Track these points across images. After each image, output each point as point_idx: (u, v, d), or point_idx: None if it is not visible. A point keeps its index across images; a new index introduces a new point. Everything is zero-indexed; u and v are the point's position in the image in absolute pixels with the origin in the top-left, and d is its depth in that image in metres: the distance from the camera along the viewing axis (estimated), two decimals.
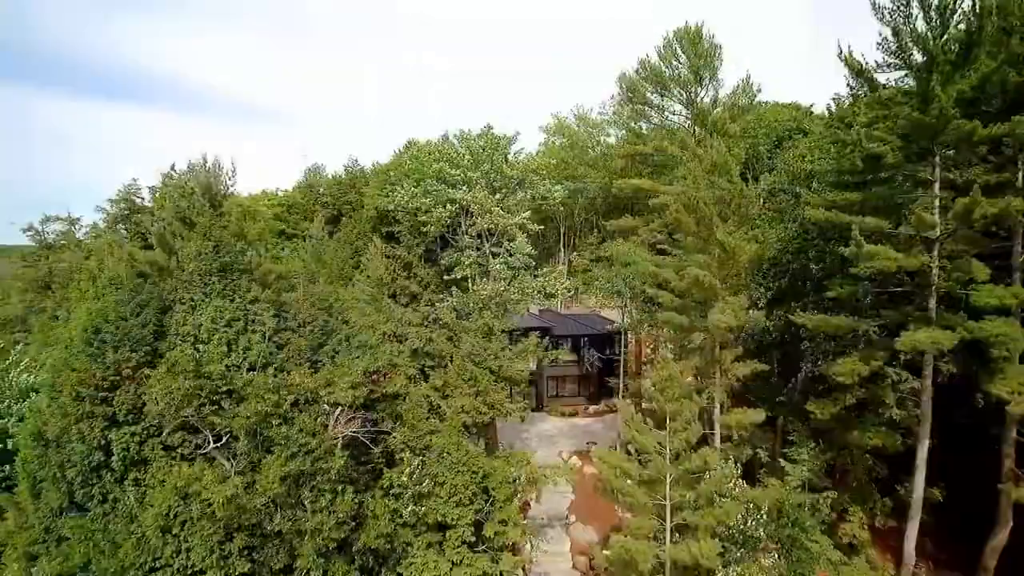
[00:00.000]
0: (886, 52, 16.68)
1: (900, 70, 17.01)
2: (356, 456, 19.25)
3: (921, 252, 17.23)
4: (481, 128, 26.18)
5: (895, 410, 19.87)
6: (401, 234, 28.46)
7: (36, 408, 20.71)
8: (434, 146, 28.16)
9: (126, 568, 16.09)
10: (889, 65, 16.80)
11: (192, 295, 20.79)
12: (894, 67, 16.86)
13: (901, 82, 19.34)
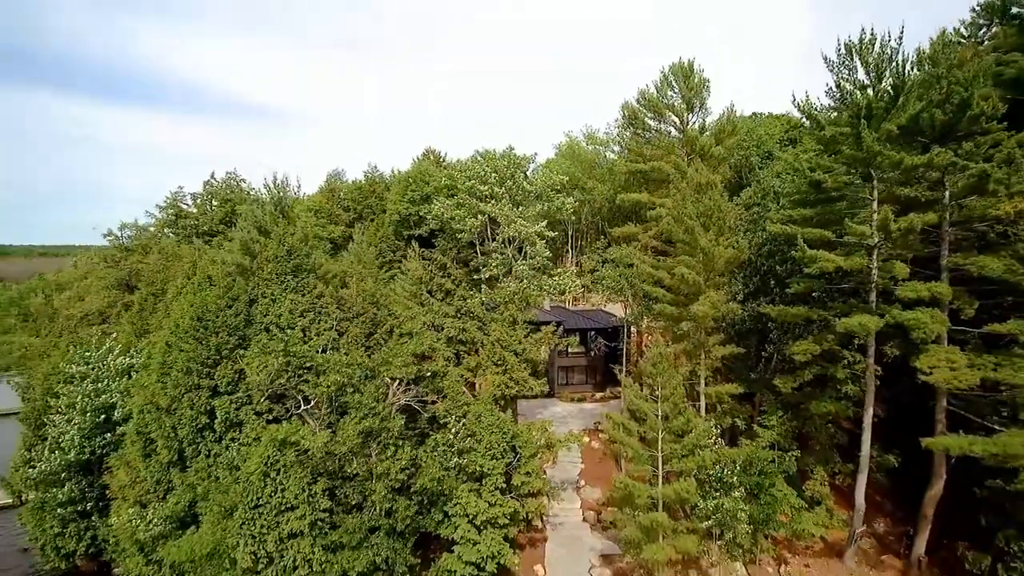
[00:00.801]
0: (831, 98, 21.21)
1: (842, 112, 21.54)
2: (409, 419, 23.99)
3: (863, 256, 21.82)
4: (504, 149, 30.92)
5: (850, 385, 24.43)
6: (436, 239, 33.19)
7: (142, 384, 25.56)
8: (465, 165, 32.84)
9: (236, 505, 20.79)
10: (834, 109, 21.31)
11: (272, 291, 25.61)
12: (838, 110, 21.39)
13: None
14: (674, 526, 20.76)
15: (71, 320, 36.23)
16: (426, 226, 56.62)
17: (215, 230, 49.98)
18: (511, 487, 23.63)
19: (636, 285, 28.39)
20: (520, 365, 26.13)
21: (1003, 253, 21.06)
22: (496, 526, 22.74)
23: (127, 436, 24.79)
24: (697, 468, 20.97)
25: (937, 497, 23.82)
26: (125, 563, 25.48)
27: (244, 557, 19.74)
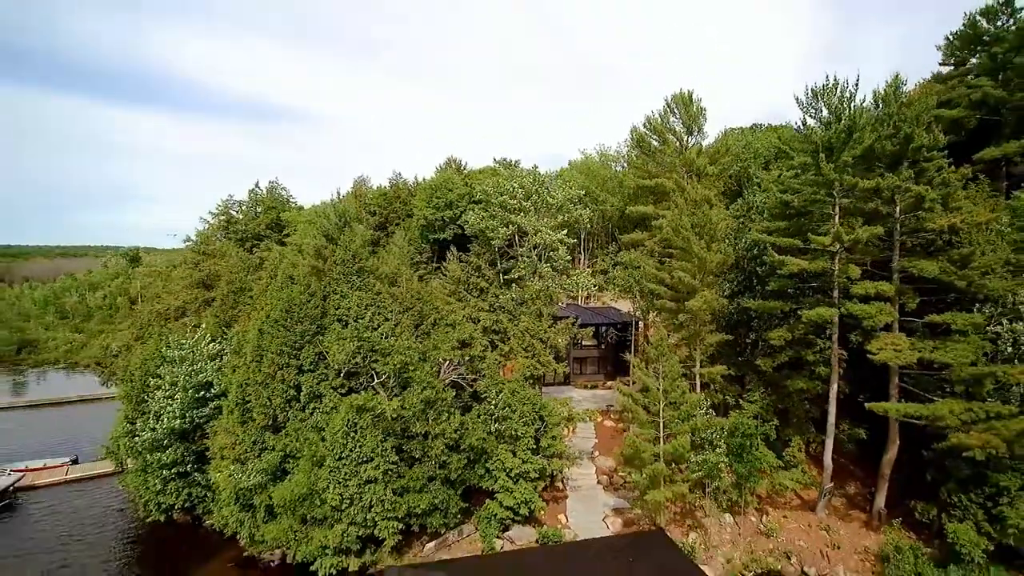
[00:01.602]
0: (800, 133, 26.44)
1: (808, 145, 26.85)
2: (456, 393, 29.59)
3: (827, 260, 27.09)
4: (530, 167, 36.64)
5: (821, 367, 29.67)
6: (472, 245, 38.86)
7: (236, 364, 31.39)
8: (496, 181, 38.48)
9: (324, 457, 26.45)
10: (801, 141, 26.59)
11: (341, 288, 31.37)
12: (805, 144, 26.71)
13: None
14: (671, 475, 26.18)
15: (152, 315, 42.05)
16: (450, 230, 62.57)
17: (262, 235, 55.89)
18: (540, 448, 29.15)
19: (643, 284, 33.80)
20: (545, 351, 31.68)
21: (940, 257, 26.30)
22: (528, 479, 28.32)
23: (226, 407, 30.57)
24: (691, 431, 26.37)
25: (892, 460, 28.99)
26: (218, 513, 31.33)
27: (333, 497, 25.40)
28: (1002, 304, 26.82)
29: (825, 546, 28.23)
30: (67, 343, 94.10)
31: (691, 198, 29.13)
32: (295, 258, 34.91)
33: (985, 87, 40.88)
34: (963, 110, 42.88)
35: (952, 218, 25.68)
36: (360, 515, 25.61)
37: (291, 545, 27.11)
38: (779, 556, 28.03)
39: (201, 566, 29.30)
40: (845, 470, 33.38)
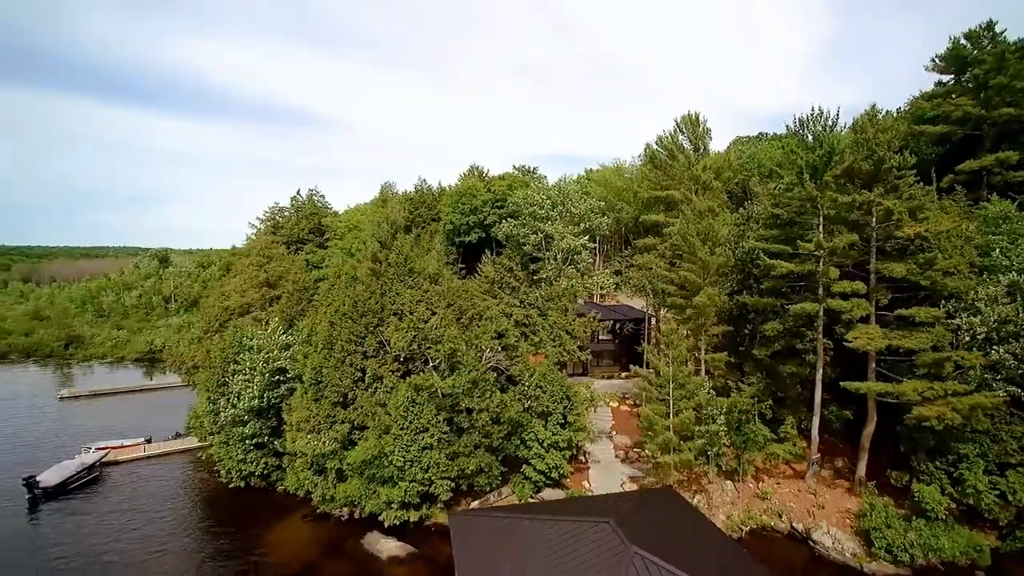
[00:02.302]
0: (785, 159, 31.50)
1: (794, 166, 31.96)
2: (496, 376, 35.05)
3: (813, 263, 32.15)
4: (556, 180, 42.07)
5: (810, 355, 34.68)
6: (504, 249, 44.40)
7: (305, 353, 37.11)
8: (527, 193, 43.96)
9: (389, 426, 31.99)
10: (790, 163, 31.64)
11: (395, 287, 36.95)
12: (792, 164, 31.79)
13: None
14: (679, 444, 31.42)
15: (220, 312, 47.91)
16: (475, 234, 68.29)
17: (305, 239, 61.85)
18: (567, 423, 34.52)
19: (655, 283, 39.03)
20: (571, 341, 37.06)
21: (908, 260, 31.25)
22: (557, 448, 33.73)
23: (300, 388, 36.29)
24: (695, 407, 31.60)
25: (871, 434, 33.93)
26: (291, 477, 37.07)
27: (398, 458, 30.95)
28: (962, 300, 31.71)
29: (811, 507, 33.28)
30: (112, 339, 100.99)
31: (697, 209, 34.32)
32: (353, 262, 40.56)
33: (965, 105, 45.63)
34: (947, 126, 47.63)
35: (918, 227, 30.62)
36: (420, 475, 31.14)
37: (360, 501, 32.73)
38: (772, 515, 33.15)
39: (279, 522, 34.93)
40: (834, 447, 38.36)
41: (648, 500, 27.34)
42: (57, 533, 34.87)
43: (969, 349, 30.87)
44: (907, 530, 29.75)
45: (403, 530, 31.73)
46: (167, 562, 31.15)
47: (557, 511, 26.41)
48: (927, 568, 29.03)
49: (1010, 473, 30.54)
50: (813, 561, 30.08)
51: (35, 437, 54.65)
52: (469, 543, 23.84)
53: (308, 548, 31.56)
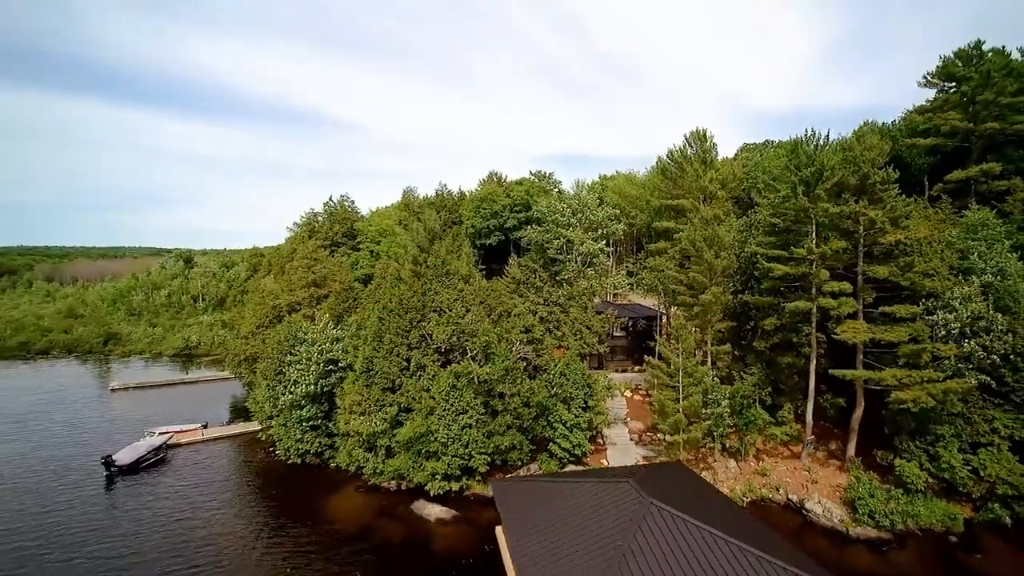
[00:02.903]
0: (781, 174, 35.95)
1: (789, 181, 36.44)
2: (525, 365, 39.82)
3: (807, 266, 36.59)
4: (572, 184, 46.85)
5: (805, 348, 39.09)
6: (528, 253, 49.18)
7: (355, 345, 42.11)
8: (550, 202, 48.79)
9: (433, 407, 36.85)
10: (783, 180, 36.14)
11: (434, 287, 41.84)
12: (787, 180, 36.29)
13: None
14: (687, 425, 36.02)
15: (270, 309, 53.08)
16: (495, 237, 73.14)
17: (339, 242, 67.00)
18: (588, 407, 39.23)
19: (666, 283, 43.60)
20: (591, 335, 41.74)
21: (891, 264, 35.60)
22: (579, 429, 38.44)
23: (352, 375, 41.28)
24: (702, 392, 36.18)
25: (859, 417, 38.30)
26: (344, 454, 42.02)
27: (442, 436, 35.82)
28: (940, 299, 36.00)
29: (805, 482, 37.73)
30: (148, 336, 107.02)
31: (704, 217, 38.83)
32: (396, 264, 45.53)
33: (952, 120, 49.73)
34: (938, 139, 51.77)
35: (899, 234, 35.00)
36: (461, 450, 36.00)
37: (408, 474, 37.64)
38: (770, 488, 37.63)
39: (334, 493, 39.89)
40: (828, 432, 42.77)
41: (661, 470, 31.98)
42: (134, 505, 39.96)
43: (945, 342, 35.19)
44: (888, 499, 34.16)
45: (446, 498, 36.62)
46: (236, 524, 36.14)
47: (582, 477, 31.22)
48: (906, 533, 33.38)
49: (982, 452, 34.86)
50: (806, 527, 34.54)
51: (96, 423, 60.19)
52: (511, 501, 28.64)
53: (363, 513, 36.52)
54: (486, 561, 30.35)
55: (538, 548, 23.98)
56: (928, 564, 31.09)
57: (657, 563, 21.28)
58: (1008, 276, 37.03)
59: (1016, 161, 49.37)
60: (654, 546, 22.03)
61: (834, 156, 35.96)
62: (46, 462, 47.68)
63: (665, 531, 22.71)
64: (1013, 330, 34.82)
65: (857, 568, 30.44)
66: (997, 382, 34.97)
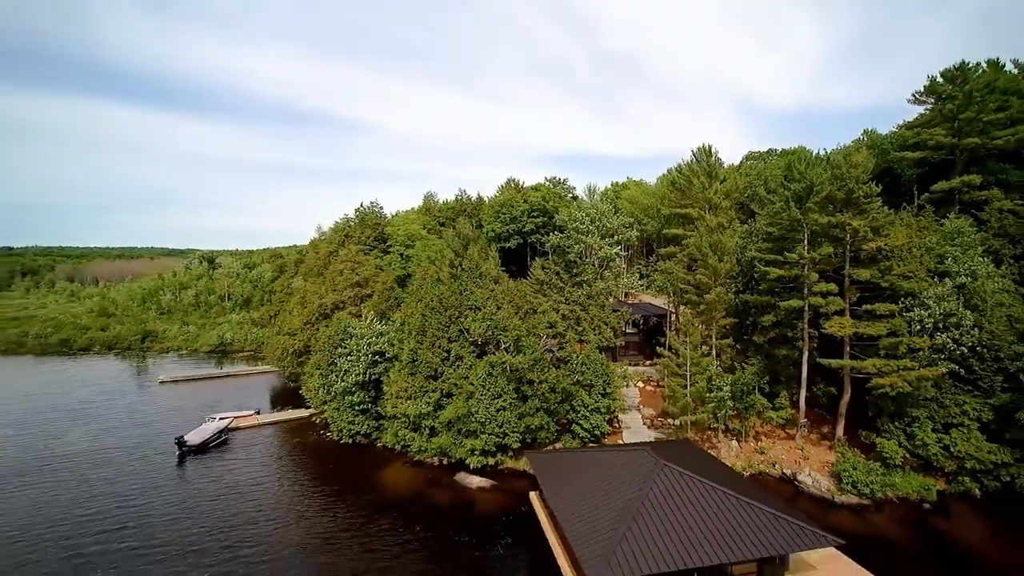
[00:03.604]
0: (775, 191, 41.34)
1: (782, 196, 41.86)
2: (551, 356, 45.55)
3: (798, 269, 42.03)
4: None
5: (799, 341, 44.50)
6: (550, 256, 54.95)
7: (400, 338, 48.04)
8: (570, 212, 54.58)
9: (472, 392, 42.65)
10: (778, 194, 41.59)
11: (469, 287, 47.67)
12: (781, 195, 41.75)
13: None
14: (694, 408, 41.57)
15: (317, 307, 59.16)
16: (515, 240, 78.99)
17: (371, 245, 73.07)
18: (606, 394, 44.88)
19: (675, 284, 49.14)
20: (608, 330, 47.39)
21: (872, 267, 40.94)
22: (598, 412, 44.10)
23: (397, 365, 47.17)
24: (707, 379, 41.73)
25: (847, 402, 43.62)
26: (390, 434, 47.88)
27: (480, 417, 41.59)
28: (916, 297, 41.28)
29: (799, 459, 43.14)
30: (183, 334, 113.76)
31: (709, 225, 44.32)
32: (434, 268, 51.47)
33: (938, 135, 54.88)
34: (925, 152, 56.94)
35: (879, 242, 40.37)
36: (496, 429, 41.76)
37: (450, 450, 43.45)
38: (767, 464, 43.08)
39: (384, 467, 45.77)
40: (821, 418, 48.07)
41: (672, 444, 37.60)
42: (206, 477, 45.89)
43: (920, 335, 40.49)
44: (869, 472, 39.51)
45: (483, 471, 42.38)
46: (298, 493, 41.99)
47: (604, 449, 36.95)
48: (884, 500, 38.73)
49: (953, 431, 40.12)
50: (797, 495, 39.95)
51: (154, 410, 66.60)
52: (545, 467, 34.38)
53: (413, 483, 42.39)
54: (522, 519, 36.08)
55: (571, 499, 29.71)
56: (903, 526, 36.39)
57: (668, 508, 26.94)
58: (978, 278, 42.24)
59: (996, 173, 54.40)
60: (665, 495, 27.70)
61: (823, 173, 41.29)
62: (123, 442, 54.06)
63: (674, 485, 28.37)
64: (980, 325, 40.10)
65: (840, 527, 35.75)
66: (966, 371, 40.28)
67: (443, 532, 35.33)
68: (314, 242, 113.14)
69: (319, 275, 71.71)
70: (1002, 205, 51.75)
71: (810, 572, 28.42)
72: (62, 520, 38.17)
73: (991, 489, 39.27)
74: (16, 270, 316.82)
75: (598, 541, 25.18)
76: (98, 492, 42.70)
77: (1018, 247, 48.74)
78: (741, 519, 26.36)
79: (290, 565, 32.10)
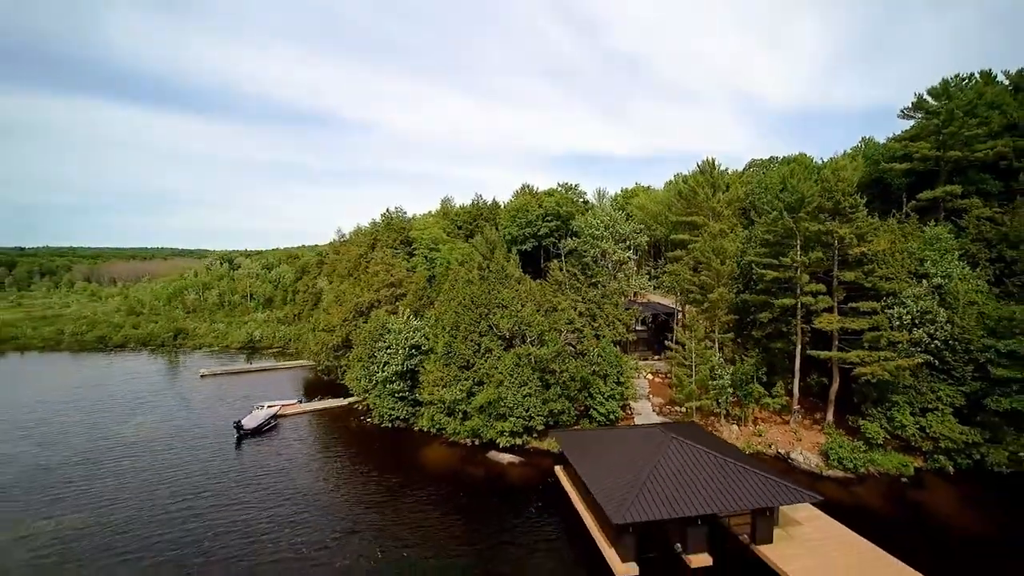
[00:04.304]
0: (770, 203, 46.89)
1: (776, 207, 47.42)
2: (571, 349, 51.33)
3: (791, 272, 47.59)
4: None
5: (793, 336, 50.06)
6: (567, 259, 60.77)
7: (435, 333, 54.00)
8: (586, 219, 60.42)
9: (502, 381, 48.46)
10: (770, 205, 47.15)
11: (496, 287, 53.53)
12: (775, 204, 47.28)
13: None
14: (699, 394, 47.24)
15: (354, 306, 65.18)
16: (530, 243, 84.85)
17: (397, 248, 79.11)
18: (619, 383, 50.61)
19: (681, 285, 54.78)
20: (620, 326, 53.12)
21: (857, 270, 46.43)
22: (613, 399, 49.85)
23: (433, 357, 53.08)
24: (709, 368, 47.41)
25: (836, 390, 49.12)
26: (422, 420, 53.80)
27: (509, 402, 47.40)
28: (897, 296, 46.74)
29: (792, 440, 48.66)
30: (213, 332, 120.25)
31: (712, 232, 49.93)
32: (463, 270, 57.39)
33: (923, 148, 60.23)
34: (911, 163, 62.32)
35: (863, 247, 45.85)
36: (523, 413, 47.56)
37: (481, 432, 49.27)
38: (764, 445, 48.65)
39: (422, 448, 51.64)
40: (813, 405, 53.57)
41: (680, 425, 43.29)
42: (266, 454, 51.90)
43: (899, 330, 45.94)
44: (853, 450, 45.01)
45: (512, 450, 48.20)
46: (345, 469, 47.78)
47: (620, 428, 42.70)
48: (867, 475, 44.19)
49: (929, 415, 45.53)
50: (790, 470, 45.45)
51: (201, 400, 72.79)
52: (571, 442, 40.17)
53: (450, 460, 48.25)
54: (549, 488, 41.86)
55: (595, 465, 35.50)
56: (882, 497, 41.80)
57: (676, 470, 32.65)
58: (952, 279, 47.66)
59: (976, 183, 59.69)
60: (674, 461, 33.40)
61: (814, 186, 46.83)
62: (183, 427, 60.26)
63: (682, 453, 34.10)
64: (952, 321, 45.53)
65: (826, 495, 41.28)
66: (940, 361, 45.71)
67: (480, 499, 41.15)
68: (335, 245, 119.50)
69: (349, 276, 77.78)
70: (981, 213, 57.07)
71: (796, 527, 34.07)
72: (157, 486, 44.33)
73: (963, 466, 44.67)
74: (35, 270, 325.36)
75: (619, 495, 30.94)
76: (176, 466, 48.86)
77: (994, 251, 54.03)
78: (737, 479, 32.04)
79: (352, 523, 37.96)
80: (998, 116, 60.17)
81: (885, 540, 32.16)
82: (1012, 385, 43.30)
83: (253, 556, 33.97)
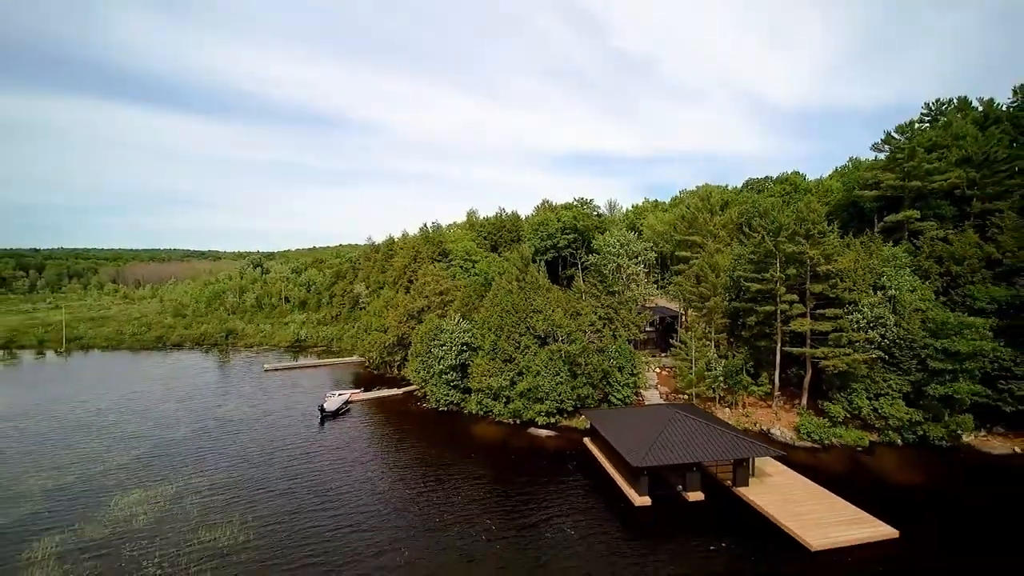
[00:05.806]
0: (756, 228, 59.13)
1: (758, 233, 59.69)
2: (593, 346, 63.91)
3: (772, 284, 59.92)
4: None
5: (774, 336, 62.37)
6: (588, 271, 73.30)
7: (482, 333, 66.84)
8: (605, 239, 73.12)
9: (539, 372, 61.04)
10: (754, 229, 59.39)
11: (531, 295, 66.27)
12: (758, 230, 59.54)
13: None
14: (696, 382, 59.69)
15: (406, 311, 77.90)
16: (551, 254, 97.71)
17: (435, 259, 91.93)
18: (634, 374, 63.14)
19: (684, 294, 67.19)
20: (634, 328, 65.71)
21: (824, 283, 58.70)
22: (628, 387, 62.43)
23: (481, 353, 65.77)
24: (705, 362, 59.87)
25: (809, 380, 61.39)
26: (471, 404, 66.51)
27: (544, 388, 60.02)
28: (856, 304, 58.96)
29: (773, 420, 61.00)
30: (260, 332, 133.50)
31: (710, 250, 62.27)
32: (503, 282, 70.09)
33: (886, 180, 72.37)
34: (879, 191, 74.50)
35: (829, 266, 58.14)
36: (556, 397, 60.18)
37: (522, 413, 61.91)
38: (751, 424, 61.01)
39: (473, 426, 64.25)
40: (792, 393, 65.84)
41: (683, 405, 55.83)
42: (347, 431, 64.59)
43: (857, 331, 58.18)
44: (819, 426, 57.32)
45: (547, 427, 60.81)
46: (414, 440, 60.39)
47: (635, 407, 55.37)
48: (830, 446, 56.44)
49: (881, 399, 57.69)
50: (770, 442, 57.65)
51: (274, 390, 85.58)
52: (597, 416, 52.77)
53: (497, 435, 60.88)
54: (580, 455, 54.43)
55: (618, 430, 48.07)
56: (843, 463, 53.92)
57: (679, 433, 45.14)
58: (902, 291, 59.88)
59: (934, 208, 71.75)
60: (678, 428, 45.88)
61: (792, 215, 59.13)
62: (269, 411, 73.20)
63: (684, 422, 46.58)
64: (900, 324, 57.76)
65: (797, 461, 53.69)
66: (890, 356, 57.89)
67: (525, 463, 53.74)
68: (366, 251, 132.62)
69: (395, 283, 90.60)
70: (936, 234, 69.13)
71: (769, 477, 46.49)
72: (273, 452, 57.17)
73: (909, 440, 56.82)
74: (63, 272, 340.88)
75: (636, 448, 43.49)
76: (280, 438, 61.76)
77: (943, 266, 66.10)
78: (722, 440, 44.49)
79: (421, 483, 50.51)
80: (956, 150, 72.16)
81: (842, 492, 44.05)
82: (946, 375, 55.45)
83: (359, 498, 46.72)
